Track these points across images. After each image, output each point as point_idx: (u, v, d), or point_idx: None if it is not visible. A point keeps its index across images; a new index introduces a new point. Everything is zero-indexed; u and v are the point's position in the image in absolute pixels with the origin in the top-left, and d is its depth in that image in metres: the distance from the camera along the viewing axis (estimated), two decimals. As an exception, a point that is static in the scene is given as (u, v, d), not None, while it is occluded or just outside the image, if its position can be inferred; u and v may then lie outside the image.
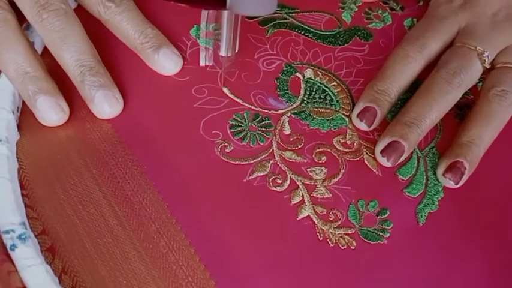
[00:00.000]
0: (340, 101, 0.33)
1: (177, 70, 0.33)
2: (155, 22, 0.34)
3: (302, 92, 0.34)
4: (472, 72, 0.32)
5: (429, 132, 0.32)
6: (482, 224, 0.29)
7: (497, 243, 0.29)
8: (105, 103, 0.30)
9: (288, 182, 0.30)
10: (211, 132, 0.31)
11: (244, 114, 0.32)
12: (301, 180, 0.30)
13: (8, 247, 0.25)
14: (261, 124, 0.32)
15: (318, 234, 0.28)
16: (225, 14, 0.30)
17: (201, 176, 0.29)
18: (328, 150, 0.31)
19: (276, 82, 0.34)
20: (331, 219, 0.28)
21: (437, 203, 0.30)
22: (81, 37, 0.30)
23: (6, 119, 0.29)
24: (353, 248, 0.28)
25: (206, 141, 0.30)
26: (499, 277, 0.28)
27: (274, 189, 0.29)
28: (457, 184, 0.30)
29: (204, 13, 0.32)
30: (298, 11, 0.38)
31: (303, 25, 0.37)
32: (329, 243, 0.28)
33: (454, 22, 0.34)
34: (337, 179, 0.30)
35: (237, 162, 0.30)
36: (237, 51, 0.33)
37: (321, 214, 0.29)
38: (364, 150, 0.31)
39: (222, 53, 0.32)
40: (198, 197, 0.28)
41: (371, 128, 0.32)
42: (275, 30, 0.37)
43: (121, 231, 0.27)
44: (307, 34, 0.37)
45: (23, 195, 0.28)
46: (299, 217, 0.28)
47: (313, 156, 0.31)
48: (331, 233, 0.28)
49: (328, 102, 0.33)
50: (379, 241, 0.28)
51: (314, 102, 0.33)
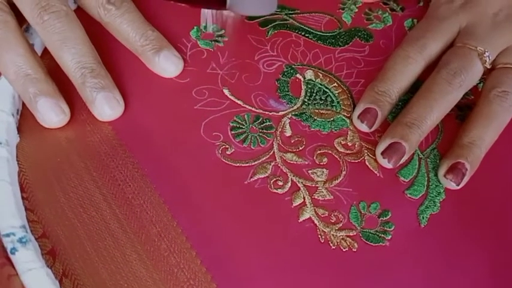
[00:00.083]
0: (341, 102, 0.33)
1: (177, 72, 0.33)
2: (155, 24, 0.34)
3: (303, 93, 0.33)
4: (472, 73, 0.32)
5: (430, 134, 0.32)
6: (484, 225, 0.29)
7: (499, 245, 0.29)
8: (106, 105, 0.30)
9: (289, 184, 0.29)
10: (212, 134, 0.31)
11: (245, 116, 0.32)
12: (302, 182, 0.30)
13: (8, 250, 0.25)
14: (262, 126, 0.32)
15: (319, 236, 0.28)
16: None
17: (201, 178, 0.29)
18: (329, 151, 0.31)
19: (276, 83, 0.34)
20: (333, 221, 0.28)
21: (439, 205, 0.30)
22: (82, 39, 0.30)
23: (6, 122, 0.29)
24: (355, 250, 0.28)
25: (207, 143, 0.30)
26: (501, 278, 0.28)
27: (275, 191, 0.29)
28: (458, 185, 0.30)
29: (203, 13, 0.32)
30: (299, 12, 0.38)
31: (303, 26, 0.37)
32: (331, 245, 0.28)
33: (454, 22, 0.34)
34: (339, 180, 0.30)
35: (238, 165, 0.30)
36: (238, 24, 0.32)
37: (322, 216, 0.28)
38: (365, 151, 0.31)
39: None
40: (199, 199, 0.28)
41: (372, 129, 0.32)
42: (275, 31, 0.36)
43: (122, 234, 0.27)
44: (307, 35, 0.37)
45: (23, 198, 0.27)
46: (300, 219, 0.28)
47: (314, 158, 0.31)
48: (333, 235, 0.28)
49: (329, 104, 0.33)
50: (380, 243, 0.28)
51: (315, 104, 0.33)
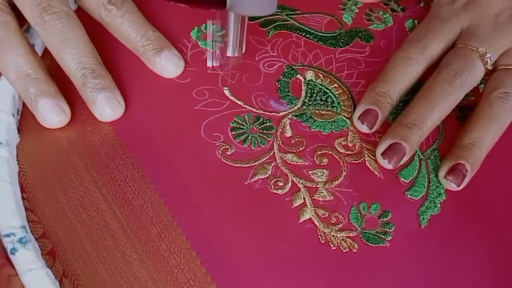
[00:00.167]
0: (341, 103, 0.33)
1: (178, 73, 0.33)
2: (156, 24, 0.34)
3: (303, 94, 0.33)
4: (473, 74, 0.32)
5: (431, 135, 0.32)
6: (484, 226, 0.29)
7: (500, 246, 0.29)
8: (107, 105, 0.30)
9: (289, 184, 0.29)
10: (213, 135, 0.31)
11: (246, 117, 0.32)
12: (302, 183, 0.30)
13: (8, 251, 0.25)
14: (262, 126, 0.32)
15: (319, 237, 0.28)
16: (231, 14, 0.30)
17: (202, 178, 0.29)
18: (330, 152, 0.31)
19: (277, 84, 0.34)
20: (333, 222, 0.28)
21: (439, 206, 0.30)
22: (83, 40, 0.30)
23: (6, 122, 0.29)
24: (355, 251, 0.28)
25: (207, 144, 0.30)
26: (501, 280, 0.28)
27: (275, 191, 0.29)
28: (458, 186, 0.30)
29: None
30: (299, 12, 0.38)
31: (303, 27, 0.37)
32: (331, 246, 0.28)
33: (456, 23, 0.34)
34: (339, 181, 0.30)
35: (238, 165, 0.30)
36: (244, 51, 0.33)
37: (322, 217, 0.28)
38: (366, 152, 0.31)
39: (229, 53, 0.32)
40: (199, 199, 0.28)
41: (372, 130, 0.32)
42: (276, 32, 0.36)
43: (122, 234, 0.27)
44: (308, 36, 0.37)
45: (23, 198, 0.27)
46: (301, 220, 0.28)
47: (315, 158, 0.31)
48: (333, 235, 0.28)
49: (329, 104, 0.33)
50: (381, 244, 0.28)
51: (315, 104, 0.33)
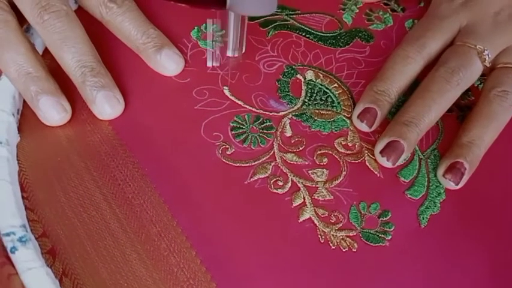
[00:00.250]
0: (341, 103, 0.33)
1: (178, 71, 0.33)
2: (156, 24, 0.34)
3: (303, 93, 0.33)
4: (471, 71, 0.32)
5: (431, 134, 0.32)
6: (484, 226, 0.29)
7: (499, 245, 0.29)
8: (106, 104, 0.30)
9: (289, 184, 0.29)
10: (212, 134, 0.31)
11: (246, 116, 0.32)
12: (302, 183, 0.30)
13: (8, 249, 0.25)
14: (262, 126, 0.32)
15: (319, 236, 0.28)
16: (231, 15, 0.30)
17: (202, 178, 0.29)
18: (330, 152, 0.31)
19: (277, 84, 0.34)
20: (333, 222, 0.28)
21: (439, 205, 0.30)
22: (82, 38, 0.30)
23: (6, 122, 0.29)
24: (355, 250, 0.28)
25: (207, 144, 0.30)
26: (501, 279, 0.28)
27: (275, 191, 0.29)
28: (457, 185, 0.30)
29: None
30: (299, 12, 0.38)
31: (303, 27, 0.37)
32: (330, 245, 0.28)
33: (455, 21, 0.34)
34: (339, 181, 0.30)
35: (238, 165, 0.30)
36: (244, 51, 0.33)
37: (322, 216, 0.28)
38: (366, 152, 0.31)
39: (229, 54, 0.32)
40: (199, 199, 0.28)
41: (372, 128, 0.32)
42: (276, 31, 0.36)
43: (122, 233, 0.27)
44: (308, 36, 0.37)
45: (23, 197, 0.27)
46: (300, 219, 0.28)
47: (315, 158, 0.31)
48: (333, 235, 0.28)
49: (329, 104, 0.33)
50: (380, 243, 0.28)
51: (315, 104, 0.33)
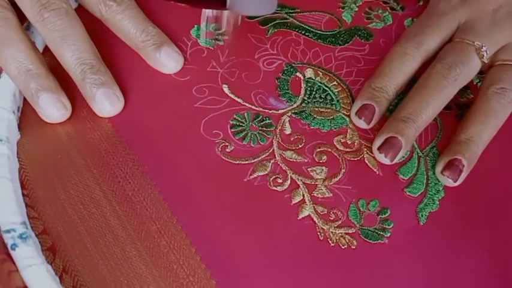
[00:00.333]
0: (340, 101, 0.33)
1: (178, 68, 0.33)
2: (155, 22, 0.34)
3: (302, 91, 0.34)
4: (469, 67, 0.32)
5: (430, 132, 0.32)
6: (482, 223, 0.29)
7: (498, 242, 0.29)
8: (106, 101, 0.30)
9: (288, 181, 0.30)
10: (212, 132, 0.31)
11: (245, 114, 0.32)
12: (301, 180, 0.30)
13: (8, 246, 0.25)
14: (262, 124, 0.32)
15: (318, 233, 0.28)
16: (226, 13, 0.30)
17: (201, 175, 0.29)
18: (329, 149, 0.31)
19: (276, 82, 0.34)
20: (332, 219, 0.28)
21: (438, 203, 0.30)
22: (82, 36, 0.30)
23: (6, 119, 0.29)
24: (354, 247, 0.28)
25: (207, 141, 0.30)
26: (500, 276, 0.28)
27: (274, 188, 0.29)
28: (455, 182, 0.30)
29: (204, 12, 0.32)
30: (299, 10, 0.38)
31: (303, 25, 0.37)
32: (330, 242, 0.28)
33: (453, 18, 0.34)
34: (338, 178, 0.30)
35: (237, 162, 0.30)
36: (238, 23, 0.33)
37: (321, 214, 0.29)
38: (365, 149, 0.31)
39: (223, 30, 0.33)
40: (199, 196, 0.28)
41: (370, 125, 0.32)
42: (275, 30, 0.37)
43: (122, 230, 0.27)
44: (307, 34, 0.37)
45: (23, 194, 0.28)
46: (300, 216, 0.28)
47: (314, 155, 0.31)
48: (332, 232, 0.28)
49: (328, 102, 0.33)
50: (379, 240, 0.28)
51: (315, 102, 0.33)
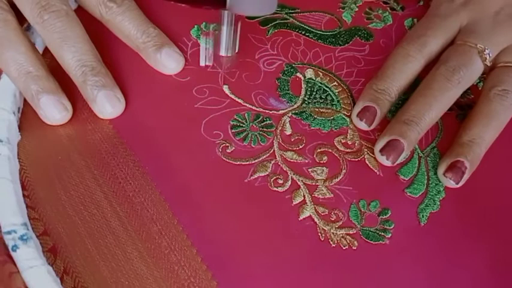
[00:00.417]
0: (341, 101, 0.33)
1: (179, 69, 0.33)
2: (156, 23, 0.34)
3: (303, 92, 0.34)
4: (472, 70, 0.32)
5: (430, 132, 0.32)
6: (483, 223, 0.29)
7: (499, 243, 0.29)
8: (107, 103, 0.30)
9: (289, 182, 0.30)
10: (213, 133, 0.31)
11: (245, 115, 0.32)
12: (302, 181, 0.30)
13: (9, 248, 0.25)
14: (262, 124, 0.32)
15: (319, 234, 0.28)
16: (225, 13, 0.30)
17: (202, 176, 0.29)
18: (330, 150, 0.31)
19: (276, 82, 0.34)
20: (333, 220, 0.28)
21: (439, 203, 0.30)
22: (82, 38, 0.30)
23: (7, 120, 0.29)
24: (355, 248, 0.28)
25: (207, 142, 0.30)
26: (501, 276, 0.28)
27: (275, 189, 0.29)
28: (457, 184, 0.30)
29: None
30: (299, 11, 0.38)
31: (303, 25, 0.37)
32: (331, 243, 0.28)
33: (455, 20, 0.34)
34: (339, 179, 0.30)
35: (238, 163, 0.30)
36: (237, 51, 0.33)
37: (322, 214, 0.29)
38: (365, 150, 0.31)
39: (222, 53, 0.32)
40: (200, 197, 0.28)
41: (371, 127, 0.32)
42: (276, 30, 0.37)
43: (123, 231, 0.27)
44: (307, 34, 0.37)
45: (24, 196, 0.27)
46: (300, 217, 0.28)
47: (315, 156, 0.31)
48: (333, 233, 0.28)
49: (329, 103, 0.33)
50: (380, 241, 0.28)
51: (315, 103, 0.33)
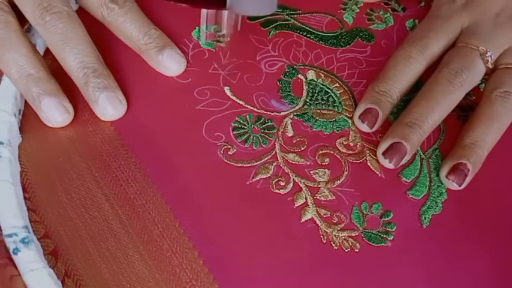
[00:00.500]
0: (342, 103, 0.33)
1: (180, 71, 0.33)
2: (157, 24, 0.34)
3: (304, 93, 0.33)
4: (474, 73, 0.32)
5: (432, 134, 0.32)
6: (485, 225, 0.29)
7: (501, 245, 0.29)
8: (109, 105, 0.30)
9: (291, 184, 0.29)
10: (214, 135, 0.31)
11: (247, 117, 0.32)
12: (304, 183, 0.30)
13: (10, 251, 0.25)
14: (264, 126, 0.32)
15: (321, 236, 0.28)
16: (225, 14, 0.30)
17: (203, 178, 0.29)
18: (331, 152, 0.31)
19: (278, 84, 0.34)
20: (335, 222, 0.28)
21: (441, 205, 0.30)
22: (84, 39, 0.30)
23: (8, 122, 0.29)
24: (357, 250, 0.28)
25: (209, 144, 0.30)
26: (503, 279, 0.28)
27: (277, 191, 0.29)
28: (460, 186, 0.30)
29: (203, 13, 0.32)
30: (300, 12, 0.38)
31: (304, 26, 0.37)
32: (333, 245, 0.28)
33: (457, 22, 0.34)
34: (341, 181, 0.30)
35: (239, 165, 0.30)
36: (239, 28, 0.33)
37: (324, 216, 0.28)
38: (367, 152, 0.31)
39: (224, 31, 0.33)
40: (201, 199, 0.28)
41: (373, 129, 0.32)
42: (277, 31, 0.36)
43: (124, 234, 0.27)
44: (309, 35, 0.37)
45: (25, 198, 0.27)
46: (302, 219, 0.28)
47: (316, 158, 0.31)
48: (335, 235, 0.28)
49: (330, 104, 0.33)
50: (382, 243, 0.28)
51: (317, 104, 0.33)
